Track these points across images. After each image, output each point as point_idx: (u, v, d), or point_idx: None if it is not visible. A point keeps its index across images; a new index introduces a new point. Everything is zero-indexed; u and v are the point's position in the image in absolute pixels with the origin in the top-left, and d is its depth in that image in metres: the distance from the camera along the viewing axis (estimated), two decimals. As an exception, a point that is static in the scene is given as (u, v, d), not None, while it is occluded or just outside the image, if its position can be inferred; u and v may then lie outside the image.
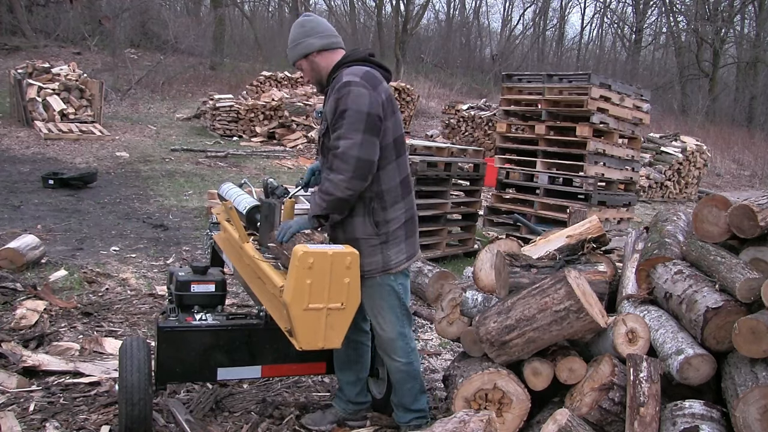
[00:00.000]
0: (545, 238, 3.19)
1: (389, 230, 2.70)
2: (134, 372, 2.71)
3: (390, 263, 2.71)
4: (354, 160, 2.49)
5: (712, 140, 20.34)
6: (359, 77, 2.56)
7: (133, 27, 22.91)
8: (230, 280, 4.39)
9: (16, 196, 8.10)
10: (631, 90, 7.32)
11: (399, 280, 2.77)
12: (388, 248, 2.70)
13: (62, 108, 13.12)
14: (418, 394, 2.93)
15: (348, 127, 2.50)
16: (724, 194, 7.11)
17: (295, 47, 2.73)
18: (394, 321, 2.78)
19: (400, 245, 2.74)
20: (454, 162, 6.68)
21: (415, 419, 2.93)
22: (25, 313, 4.10)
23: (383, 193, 2.67)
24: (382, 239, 2.69)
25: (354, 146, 2.49)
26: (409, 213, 2.78)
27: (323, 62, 2.72)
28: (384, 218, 2.69)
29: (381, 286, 2.73)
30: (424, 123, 19.59)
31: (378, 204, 2.67)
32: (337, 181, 2.51)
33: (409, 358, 2.85)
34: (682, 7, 34.98)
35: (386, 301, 2.76)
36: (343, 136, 2.51)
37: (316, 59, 2.72)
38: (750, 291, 2.32)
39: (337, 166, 2.51)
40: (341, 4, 35.78)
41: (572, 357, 2.59)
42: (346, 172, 2.50)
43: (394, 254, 2.72)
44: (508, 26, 37.57)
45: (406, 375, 2.87)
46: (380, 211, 2.68)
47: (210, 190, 8.42)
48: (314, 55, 2.71)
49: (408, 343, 2.84)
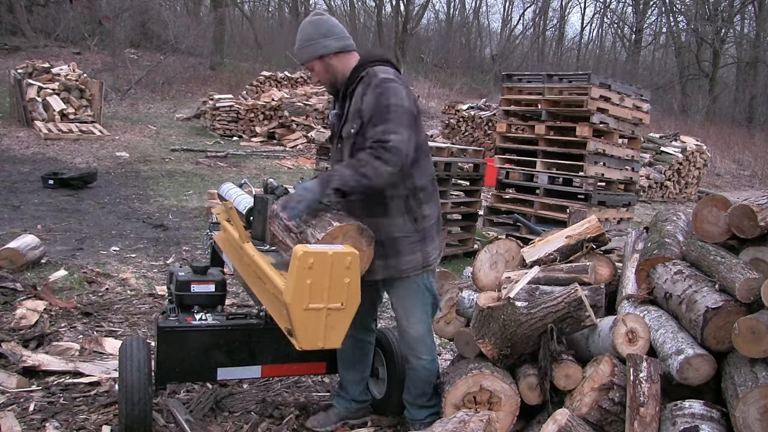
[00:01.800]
0: (544, 238, 3.19)
1: (426, 226, 2.73)
2: (134, 372, 2.71)
3: (429, 259, 2.75)
4: (403, 155, 2.49)
5: (712, 140, 20.34)
6: (393, 75, 2.59)
7: (133, 27, 22.90)
8: (230, 280, 4.39)
9: (16, 196, 8.10)
10: (631, 90, 7.32)
11: (431, 277, 2.81)
12: (426, 245, 2.73)
13: (62, 108, 13.12)
14: (434, 393, 2.94)
15: (396, 121, 2.50)
16: (724, 194, 7.10)
17: (309, 47, 2.66)
18: (425, 319, 2.81)
19: (435, 241, 2.78)
20: (454, 162, 6.68)
21: (429, 416, 2.92)
22: (25, 313, 4.10)
23: (418, 189, 2.69)
24: (420, 236, 2.71)
25: (404, 142, 2.49)
26: (438, 211, 2.83)
27: (339, 64, 2.68)
28: (421, 214, 2.71)
29: (417, 285, 2.76)
30: (424, 123, 19.48)
31: (414, 201, 2.69)
32: (383, 171, 2.47)
33: (433, 355, 2.88)
34: (682, 7, 35.01)
35: (420, 299, 2.78)
36: (392, 131, 2.49)
37: (332, 61, 2.68)
38: (750, 291, 2.32)
39: (388, 158, 2.46)
40: (341, 4, 35.78)
41: (566, 363, 2.59)
42: (395, 165, 2.48)
43: (432, 250, 2.76)
44: (508, 26, 37.60)
45: (429, 373, 2.88)
46: (417, 208, 2.70)
47: (210, 190, 8.42)
48: (330, 57, 2.67)
49: (434, 340, 2.90)
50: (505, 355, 2.68)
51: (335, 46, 2.66)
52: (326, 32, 2.66)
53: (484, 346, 2.66)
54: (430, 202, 2.75)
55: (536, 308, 2.65)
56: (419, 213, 2.71)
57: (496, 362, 2.69)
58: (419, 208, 2.71)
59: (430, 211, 2.75)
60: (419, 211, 2.71)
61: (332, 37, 2.66)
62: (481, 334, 2.64)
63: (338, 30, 2.69)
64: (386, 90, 2.52)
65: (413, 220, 2.69)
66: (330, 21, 2.72)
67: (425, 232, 2.72)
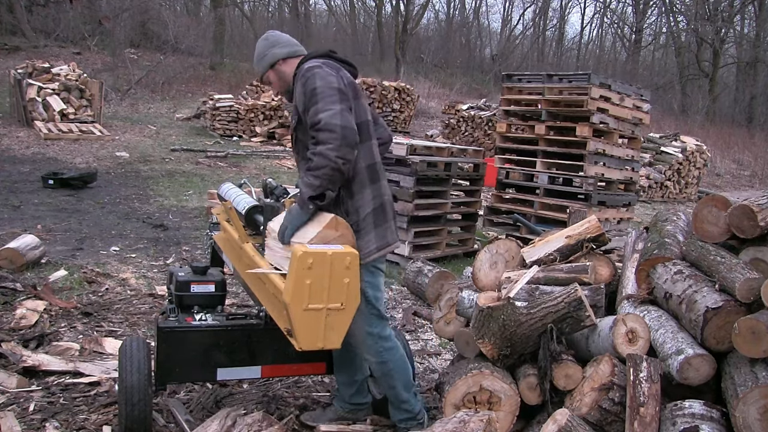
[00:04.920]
0: (544, 238, 3.19)
1: (359, 218, 2.66)
2: (134, 372, 2.71)
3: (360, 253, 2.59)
4: (339, 127, 2.44)
5: (712, 140, 20.35)
6: (320, 63, 2.63)
7: (133, 27, 22.90)
8: (230, 280, 4.39)
9: (16, 196, 8.10)
10: (631, 90, 7.32)
11: (366, 277, 2.66)
12: (359, 238, 2.63)
13: (62, 108, 13.12)
14: (403, 393, 2.88)
15: (324, 101, 2.48)
16: (724, 194, 7.09)
17: (261, 60, 2.82)
18: (359, 320, 2.63)
19: (369, 234, 2.68)
20: (454, 162, 6.68)
21: (406, 419, 2.92)
22: (25, 313, 4.10)
23: (348, 180, 2.63)
24: (354, 228, 2.61)
25: (335, 115, 2.45)
26: (378, 201, 2.71)
27: (288, 69, 2.79)
28: (353, 206, 2.65)
29: None
30: (424, 123, 19.60)
31: (345, 192, 2.64)
32: (326, 151, 2.43)
33: (381, 358, 2.78)
34: (682, 7, 35.02)
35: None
36: (321, 110, 2.47)
37: (282, 67, 2.80)
38: (750, 291, 2.32)
39: (324, 138, 2.43)
40: (341, 4, 35.84)
41: (566, 363, 2.59)
42: (334, 140, 2.43)
43: (364, 244, 2.65)
44: (508, 26, 37.62)
45: (381, 374, 2.84)
46: (347, 199, 2.65)
47: (210, 190, 8.42)
48: (279, 64, 2.80)
49: (379, 343, 2.77)
50: (505, 355, 2.68)
51: (282, 53, 2.81)
52: (273, 43, 2.83)
53: (484, 346, 2.66)
54: (363, 192, 2.67)
55: (536, 308, 2.65)
56: (350, 205, 2.65)
57: (496, 362, 2.69)
58: (350, 199, 2.65)
59: (363, 201, 2.66)
60: (350, 203, 2.65)
61: (278, 46, 2.82)
62: (481, 334, 2.64)
63: (284, 39, 2.86)
64: (311, 77, 2.55)
65: (344, 213, 2.63)
66: (276, 34, 2.91)
67: (358, 225, 2.64)
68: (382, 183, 2.77)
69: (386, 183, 2.81)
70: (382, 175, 2.78)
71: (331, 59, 2.73)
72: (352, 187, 2.65)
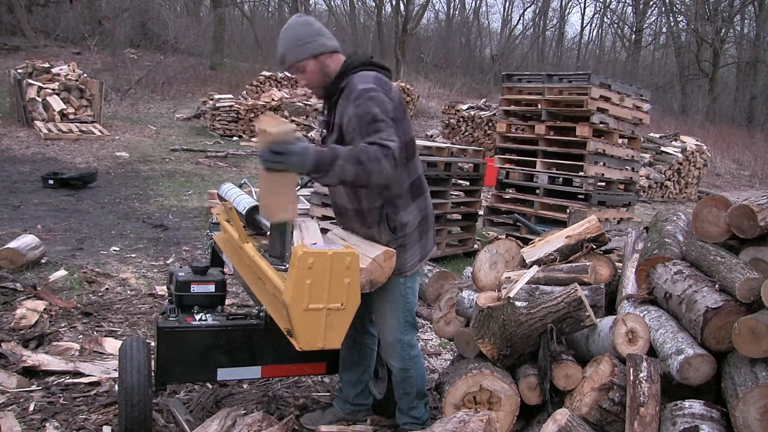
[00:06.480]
0: (544, 238, 3.19)
1: (405, 233, 2.67)
2: (134, 373, 2.71)
3: (405, 266, 2.68)
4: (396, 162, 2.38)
5: (712, 140, 20.34)
6: (373, 83, 2.49)
7: (133, 27, 22.90)
8: (230, 280, 4.39)
9: (16, 196, 8.10)
10: (631, 90, 7.32)
11: (409, 283, 2.75)
12: (405, 252, 2.67)
13: (62, 108, 13.12)
14: (415, 401, 2.90)
15: (388, 130, 2.39)
16: (724, 194, 7.09)
17: (304, 45, 2.56)
18: (395, 326, 2.75)
19: (414, 247, 2.72)
20: (454, 162, 6.68)
21: (410, 424, 2.92)
22: (25, 313, 4.10)
23: (394, 198, 2.63)
24: (399, 243, 2.66)
25: (399, 149, 2.40)
26: (423, 214, 2.74)
27: (333, 65, 2.61)
28: (399, 222, 2.65)
29: (390, 290, 2.70)
30: (424, 123, 19.59)
31: (390, 209, 2.64)
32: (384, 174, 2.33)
33: (405, 365, 2.81)
34: (682, 7, 35.01)
35: (391, 304, 2.74)
36: (389, 138, 2.37)
37: (327, 61, 2.60)
38: (750, 291, 2.32)
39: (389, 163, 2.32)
40: (341, 4, 35.80)
41: (566, 363, 2.59)
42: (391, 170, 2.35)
43: (409, 257, 2.69)
44: (508, 26, 37.62)
45: (401, 381, 2.85)
46: (393, 216, 2.64)
47: (210, 190, 8.42)
48: (326, 56, 2.58)
49: (407, 350, 2.79)
50: (505, 355, 2.68)
51: (331, 45, 2.61)
52: (319, 30, 2.60)
53: (484, 346, 2.66)
54: (408, 208, 2.67)
55: (536, 308, 2.65)
56: (397, 222, 2.64)
57: (496, 362, 2.69)
58: (396, 216, 2.64)
59: (409, 217, 2.67)
60: (396, 219, 2.64)
61: (326, 36, 2.61)
62: (481, 334, 2.64)
63: (328, 31, 2.65)
64: (366, 101, 2.43)
65: (391, 229, 2.64)
66: (318, 22, 2.68)
67: (404, 239, 2.66)
68: (426, 195, 2.77)
69: (428, 194, 2.80)
70: (425, 188, 2.77)
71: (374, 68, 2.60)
72: (397, 206, 2.64)
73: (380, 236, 2.66)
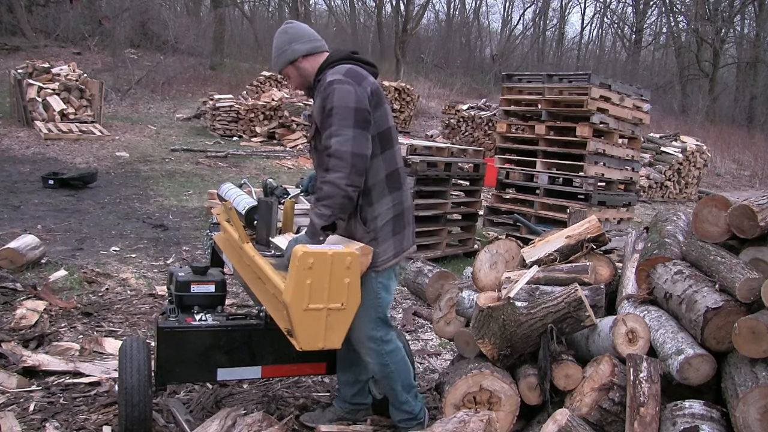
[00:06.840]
0: (544, 238, 3.19)
1: (377, 226, 2.66)
2: (134, 373, 2.71)
3: (376, 261, 2.66)
4: (349, 155, 2.47)
5: (712, 140, 20.35)
6: (342, 75, 2.57)
7: (133, 27, 22.89)
8: (230, 281, 4.39)
9: (16, 196, 8.10)
10: (631, 90, 7.32)
11: (381, 278, 2.71)
12: (377, 245, 2.66)
13: (62, 108, 13.12)
14: (403, 394, 2.88)
15: (338, 124, 2.49)
16: (724, 194, 7.10)
17: (281, 54, 2.74)
18: (364, 323, 2.68)
19: (387, 242, 2.69)
20: (454, 162, 6.68)
21: (406, 420, 2.92)
22: (25, 313, 4.10)
23: (369, 189, 2.64)
24: (371, 236, 2.65)
25: (347, 142, 2.47)
26: (398, 208, 2.72)
27: (309, 66, 2.73)
28: (371, 215, 2.66)
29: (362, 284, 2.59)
30: (424, 123, 19.59)
31: (364, 200, 2.65)
32: (336, 179, 2.47)
33: (382, 360, 2.78)
34: (682, 7, 35.01)
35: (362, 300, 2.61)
36: (334, 134, 2.49)
37: (302, 64, 2.73)
38: (750, 291, 2.32)
39: (334, 165, 2.48)
40: (341, 4, 35.82)
41: (566, 363, 2.59)
42: (344, 168, 2.47)
43: (382, 251, 2.67)
44: (508, 26, 37.61)
45: (383, 377, 2.84)
46: (367, 208, 2.65)
47: (210, 190, 8.42)
48: (300, 61, 2.73)
49: (380, 346, 2.76)
50: (505, 355, 2.68)
51: (303, 49, 2.73)
52: (293, 37, 2.73)
53: (484, 346, 2.66)
54: (383, 200, 2.67)
55: (536, 308, 2.65)
56: (369, 214, 2.66)
57: (496, 362, 2.69)
58: (369, 207, 2.65)
59: (382, 210, 2.67)
60: (369, 211, 2.66)
61: (299, 42, 2.73)
62: (481, 334, 2.64)
63: (305, 33, 2.76)
64: (330, 93, 2.53)
65: (362, 221, 2.65)
66: (297, 26, 2.80)
67: (376, 233, 2.66)
68: (403, 190, 2.76)
69: (407, 189, 2.80)
70: (403, 182, 2.77)
71: (354, 62, 2.69)
72: (371, 197, 2.66)
73: (355, 230, 2.67)
